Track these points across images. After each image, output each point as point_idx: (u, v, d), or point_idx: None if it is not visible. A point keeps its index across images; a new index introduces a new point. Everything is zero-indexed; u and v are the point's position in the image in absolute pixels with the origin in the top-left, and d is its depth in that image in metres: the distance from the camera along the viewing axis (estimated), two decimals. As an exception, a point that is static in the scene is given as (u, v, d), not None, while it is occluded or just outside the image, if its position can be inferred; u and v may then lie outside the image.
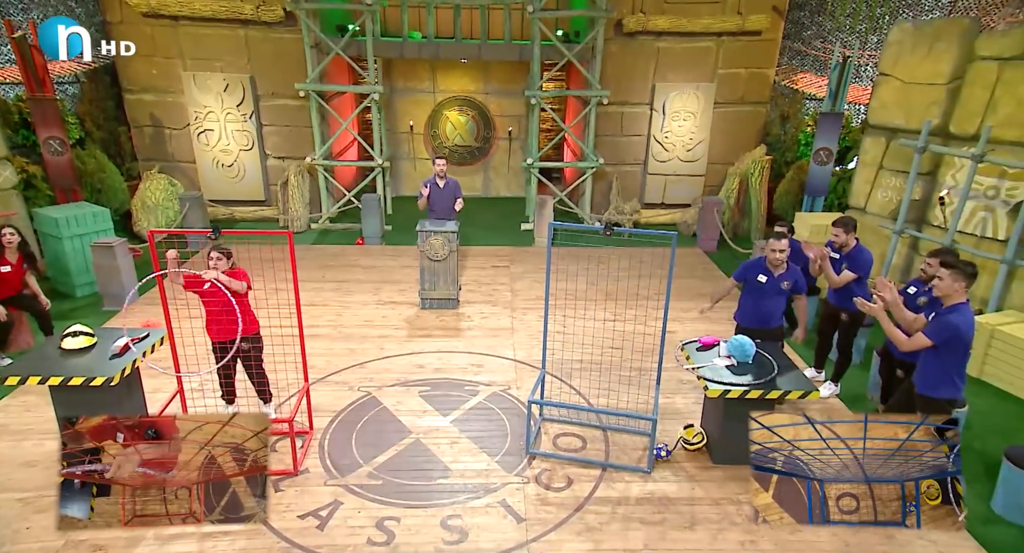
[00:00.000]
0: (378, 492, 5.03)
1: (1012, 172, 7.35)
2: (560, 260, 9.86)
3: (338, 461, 5.39)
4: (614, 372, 6.57)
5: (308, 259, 9.99)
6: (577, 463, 5.39)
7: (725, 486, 5.16)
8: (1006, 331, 6.62)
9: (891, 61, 8.57)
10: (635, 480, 5.20)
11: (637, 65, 11.02)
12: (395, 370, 6.83)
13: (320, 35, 10.41)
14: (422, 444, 5.62)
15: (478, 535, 4.63)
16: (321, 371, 6.77)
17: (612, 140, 11.44)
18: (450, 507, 4.89)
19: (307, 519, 4.77)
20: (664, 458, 5.39)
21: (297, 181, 11.20)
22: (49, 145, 9.02)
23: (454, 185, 8.51)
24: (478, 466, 5.35)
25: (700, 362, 5.35)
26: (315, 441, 5.65)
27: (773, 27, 10.92)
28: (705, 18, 10.66)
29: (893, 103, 8.53)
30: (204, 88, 10.98)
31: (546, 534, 4.65)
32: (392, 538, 4.59)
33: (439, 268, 7.97)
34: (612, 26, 10.78)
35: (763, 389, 4.99)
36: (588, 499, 4.99)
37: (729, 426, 5.26)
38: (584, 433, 5.81)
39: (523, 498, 4.99)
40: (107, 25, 10.88)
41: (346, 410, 6.11)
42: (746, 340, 5.35)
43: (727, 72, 11.08)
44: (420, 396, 6.35)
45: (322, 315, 8.07)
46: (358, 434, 5.74)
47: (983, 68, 7.60)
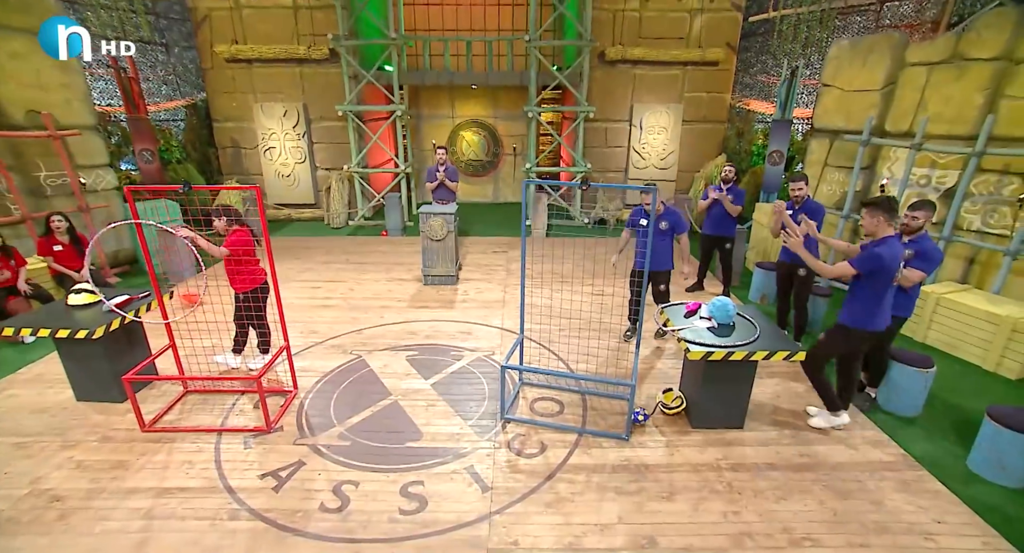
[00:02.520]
0: (344, 453, 3.50)
1: (941, 162, 5.84)
2: (554, 247, 8.40)
3: (313, 420, 3.88)
4: (600, 340, 4.97)
5: (338, 247, 8.54)
6: (552, 429, 3.79)
7: (705, 451, 3.52)
8: (949, 298, 4.95)
9: (832, 73, 6.99)
10: (612, 446, 3.59)
11: (618, 88, 9.43)
12: (388, 336, 5.29)
13: (358, 68, 9.04)
14: (399, 406, 4.07)
15: (438, 504, 3.06)
16: (323, 336, 5.26)
17: (598, 150, 9.85)
18: (415, 472, 3.33)
19: (266, 479, 3.27)
20: (641, 422, 3.77)
21: (338, 187, 9.82)
22: (142, 155, 7.88)
23: (452, 172, 7.03)
24: (450, 430, 3.78)
25: (682, 326, 3.71)
26: (298, 400, 4.14)
27: (727, 60, 9.28)
28: (673, 50, 9.05)
29: (835, 109, 6.90)
30: (269, 114, 9.71)
31: (512, 505, 3.06)
32: (346, 504, 3.06)
33: (438, 247, 6.44)
34: (596, 56, 9.24)
35: (747, 350, 3.34)
36: (561, 466, 3.39)
37: (708, 389, 3.62)
38: (562, 398, 4.20)
39: (492, 464, 3.41)
40: (203, 71, 9.85)
41: (334, 371, 4.59)
42: (728, 301, 3.71)
43: (692, 95, 9.43)
44: (407, 360, 4.80)
45: (336, 289, 6.58)
46: (339, 395, 4.22)
47: (913, 73, 6.04)
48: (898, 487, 3.21)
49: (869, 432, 3.77)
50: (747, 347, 3.37)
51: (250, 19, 9.23)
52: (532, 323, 5.30)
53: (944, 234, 5.54)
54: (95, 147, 7.11)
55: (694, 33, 9.08)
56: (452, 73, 9.62)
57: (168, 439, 3.64)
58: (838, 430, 3.74)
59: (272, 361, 3.91)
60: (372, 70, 8.97)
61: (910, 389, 3.90)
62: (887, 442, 3.65)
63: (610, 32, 9.13)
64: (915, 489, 3.20)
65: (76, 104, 6.81)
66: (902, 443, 3.63)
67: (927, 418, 3.95)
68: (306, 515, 2.97)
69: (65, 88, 6.67)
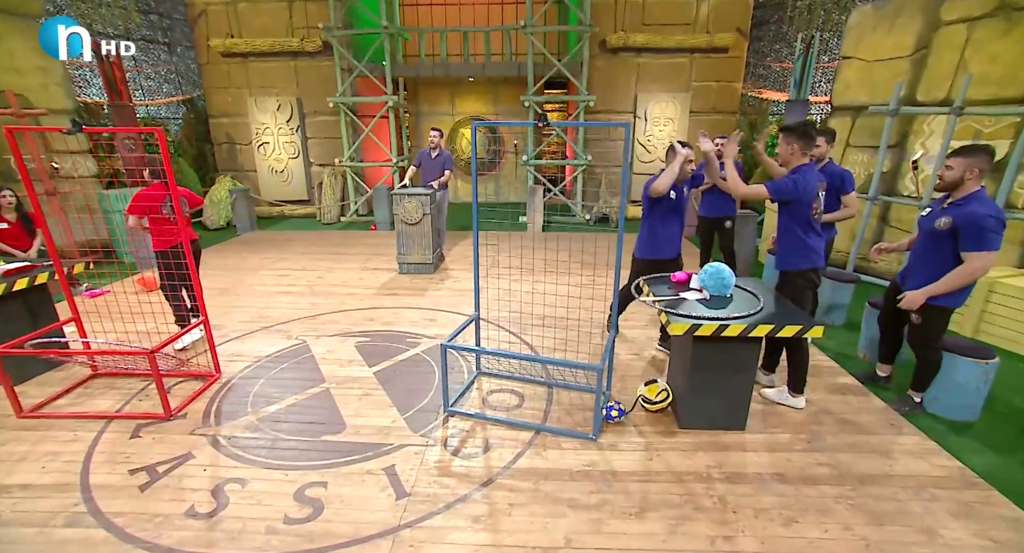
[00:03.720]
0: (244, 446, 2.80)
1: (988, 131, 4.89)
2: (549, 241, 7.67)
3: (225, 408, 3.20)
4: (581, 330, 4.20)
5: (323, 239, 7.97)
6: (505, 425, 3.02)
7: (693, 457, 2.69)
8: (1006, 283, 4.01)
9: (853, 44, 6.17)
10: (574, 448, 2.79)
11: (620, 78, 8.79)
12: (344, 322, 4.61)
13: (351, 60, 8.64)
14: (329, 395, 3.36)
15: (336, 512, 2.32)
16: (272, 321, 4.62)
17: (600, 143, 9.16)
18: (321, 471, 2.60)
19: (137, 475, 2.58)
20: (616, 420, 2.96)
21: (330, 182, 9.36)
22: (125, 143, 7.50)
23: (446, 157, 6.24)
24: (380, 422, 3.04)
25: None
26: (219, 385, 3.47)
27: (738, 46, 8.52)
28: (678, 35, 8.36)
29: (857, 82, 6.06)
30: (262, 109, 9.39)
31: (429, 517, 2.29)
32: (220, 508, 2.34)
33: (414, 232, 5.79)
34: (598, 44, 8.63)
35: (745, 323, 2.53)
36: (503, 471, 2.61)
37: (699, 379, 2.80)
38: (525, 390, 3.43)
39: (418, 465, 2.65)
40: (200, 66, 9.63)
41: (270, 356, 3.92)
42: (722, 267, 2.92)
43: (700, 84, 8.70)
44: (355, 346, 4.11)
45: (305, 277, 5.96)
46: (267, 381, 3.54)
47: (950, 32, 5.16)
48: (957, 510, 2.32)
49: (909, 438, 2.87)
50: (746, 320, 2.55)
51: (245, 13, 8.98)
52: (505, 311, 4.57)
53: (993, 212, 4.62)
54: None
55: (701, 18, 8.40)
56: (448, 65, 9.12)
57: (45, 427, 3.01)
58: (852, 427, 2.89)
59: (176, 337, 3.25)
60: (364, 61, 8.55)
61: (966, 386, 2.99)
62: (936, 451, 2.75)
63: (611, 18, 8.53)
64: (982, 514, 2.30)
65: (53, 88, 6.50)
66: (957, 454, 2.73)
67: (988, 424, 3.04)
68: (165, 521, 2.27)
69: (42, 72, 6.38)
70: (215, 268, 6.40)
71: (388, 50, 8.51)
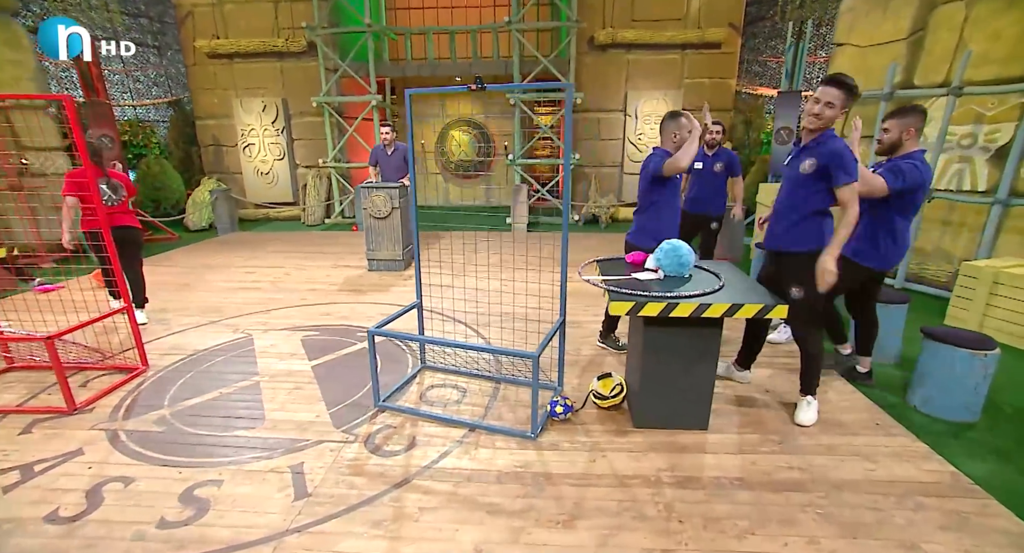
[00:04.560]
0: (143, 442, 2.52)
1: (991, 114, 4.56)
2: (532, 240, 7.37)
3: (140, 402, 2.92)
4: (542, 324, 3.89)
5: (302, 240, 7.75)
6: (438, 421, 2.70)
7: (643, 459, 2.34)
8: (1010, 273, 3.64)
9: (845, 30, 5.89)
10: (509, 447, 2.46)
11: (610, 75, 8.54)
12: (298, 317, 4.34)
13: (336, 59, 8.53)
14: (258, 388, 3.08)
15: (222, 514, 2.02)
16: (222, 315, 4.37)
17: (591, 143, 8.89)
18: (220, 468, 2.30)
19: (8, 474, 2.30)
20: (561, 417, 2.62)
21: (314, 183, 9.20)
22: (101, 141, 7.39)
23: (403, 152, 5.89)
24: (303, 417, 2.75)
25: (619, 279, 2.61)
26: (143, 379, 3.20)
27: (731, 41, 8.25)
28: (668, 31, 8.12)
29: (851, 70, 5.65)
30: (248, 109, 9.29)
31: (325, 521, 1.98)
32: (91, 510, 2.06)
33: (382, 227, 5.54)
34: (586, 41, 8.42)
35: (697, 302, 2.20)
36: (423, 471, 2.29)
37: (653, 370, 2.47)
38: (470, 384, 3.11)
39: (330, 463, 2.34)
40: (187, 68, 9.59)
41: (209, 349, 3.65)
42: (680, 244, 2.59)
43: (692, 81, 8.42)
44: (301, 340, 3.83)
45: (271, 274, 5.72)
46: (196, 374, 3.27)
47: (948, 11, 4.88)
48: (946, 522, 1.96)
49: (896, 439, 2.51)
50: (698, 299, 2.23)
51: (232, 14, 8.93)
52: (473, 309, 4.28)
53: (999, 197, 4.27)
54: (45, 128, 6.67)
55: (692, 13, 8.16)
56: (435, 65, 8.97)
57: (-65, 420, 2.75)
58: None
59: (77, 327, 2.99)
60: (347, 60, 8.43)
61: (963, 382, 2.62)
62: (926, 454, 2.38)
63: (600, 14, 8.33)
64: (976, 527, 1.94)
65: (25, 83, 6.42)
66: (951, 458, 2.36)
67: (989, 425, 2.66)
68: (16, 528, 1.98)
69: (14, 65, 6.30)
70: (182, 265, 6.20)
71: (372, 49, 8.39)
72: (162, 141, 9.91)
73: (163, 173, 8.99)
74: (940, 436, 2.55)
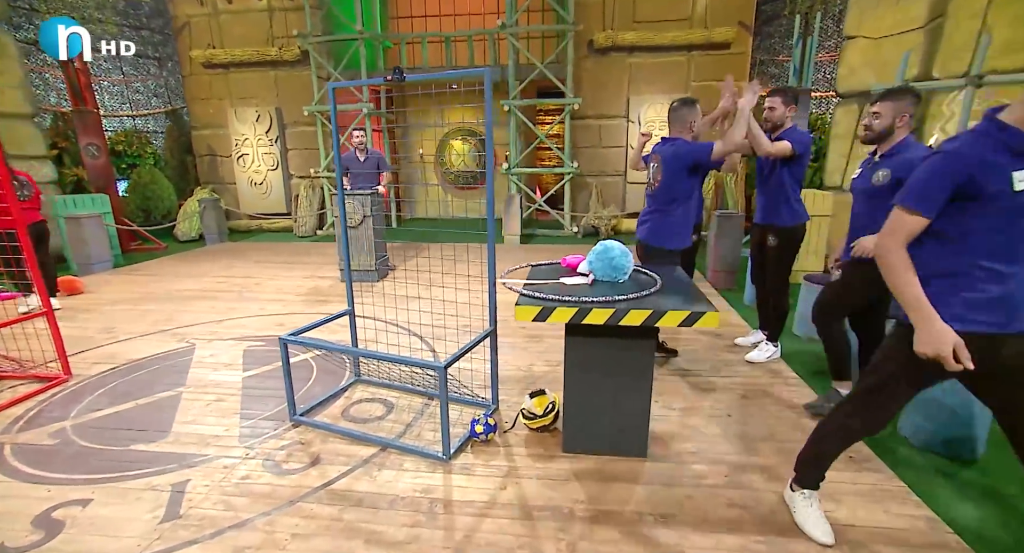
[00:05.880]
0: (25, 456, 2.47)
1: None
2: (540, 253, 7.23)
3: (46, 413, 2.88)
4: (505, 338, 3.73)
5: (287, 250, 7.83)
6: (351, 438, 2.56)
7: (561, 488, 2.14)
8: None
9: (856, 21, 5.66)
10: (417, 469, 2.30)
11: (611, 80, 8.45)
12: (250, 327, 4.29)
13: (329, 68, 8.73)
14: (177, 400, 3.00)
15: (73, 537, 1.92)
16: (174, 323, 4.36)
17: (592, 151, 8.77)
18: (94, 486, 2.21)
19: None
20: (481, 437, 2.45)
21: (306, 194, 9.33)
22: (88, 150, 7.68)
23: (376, 158, 5.85)
24: (210, 431, 2.65)
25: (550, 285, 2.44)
26: (60, 388, 3.17)
27: (741, 41, 8.05)
28: (672, 31, 8.00)
29: (863, 64, 5.50)
30: (242, 119, 9.55)
31: (182, 547, 1.86)
32: (-60, 529, 1.96)
33: (354, 236, 5.50)
34: (585, 45, 8.38)
35: (612, 308, 2.02)
36: (312, 492, 2.14)
37: (579, 387, 2.29)
38: (400, 399, 2.97)
39: (217, 481, 2.23)
40: (183, 78, 9.97)
41: (145, 359, 3.62)
42: (615, 245, 2.41)
43: (700, 84, 8.25)
44: (244, 350, 3.76)
45: (240, 284, 5.74)
46: (118, 384, 3.22)
47: None
48: (902, 575, 1.69)
49: (870, 475, 2.23)
50: (612, 305, 2.04)
51: (227, 24, 9.26)
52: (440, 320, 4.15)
53: None
54: (30, 137, 6.95)
55: (699, 12, 8.03)
56: (429, 72, 9.06)
57: None
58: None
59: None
60: (339, 68, 8.60)
61: (962, 409, 2.33)
62: (902, 495, 2.10)
63: (599, 16, 8.29)
64: (937, 582, 1.66)
65: (9, 92, 6.72)
66: (934, 500, 2.08)
67: (991, 464, 2.35)
68: None
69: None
70: (155, 274, 6.29)
71: (364, 56, 8.54)
72: (158, 151, 10.27)
73: (154, 183, 9.30)
74: (927, 473, 2.27)
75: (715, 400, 2.88)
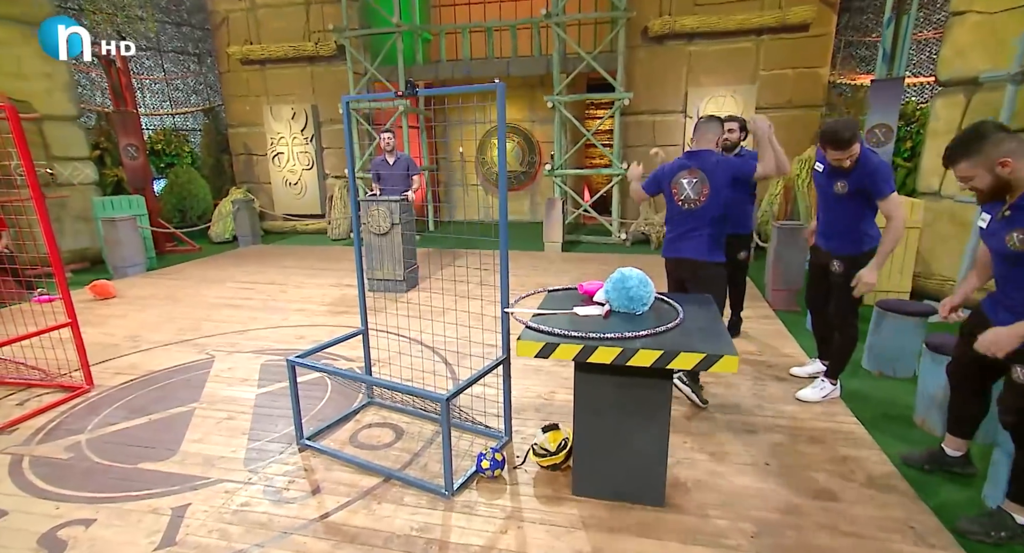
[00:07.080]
0: (41, 470, 2.75)
1: None
2: (583, 263, 7.22)
3: (66, 426, 3.18)
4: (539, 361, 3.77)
5: (316, 254, 8.22)
6: (355, 466, 2.67)
7: (565, 537, 2.16)
8: None
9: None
10: (417, 504, 2.38)
11: (668, 71, 8.30)
12: (271, 338, 4.54)
13: (365, 62, 9.07)
14: (190, 416, 3.23)
15: (78, 557, 2.10)
16: (197, 333, 4.68)
17: (645, 151, 8.64)
18: (98, 506, 2.43)
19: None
20: (487, 474, 2.50)
21: (341, 195, 9.72)
22: (127, 151, 8.36)
23: (406, 160, 6.09)
24: (216, 451, 2.84)
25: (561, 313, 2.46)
26: (81, 399, 3.48)
27: (823, 20, 7.70)
28: (739, 14, 7.76)
29: (972, 45, 5.01)
30: (277, 117, 10.08)
31: (174, 577, 2.00)
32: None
33: (383, 244, 5.69)
34: (639, 33, 8.27)
35: (620, 346, 2.01)
36: (308, 525, 2.26)
37: (589, 428, 2.30)
38: (411, 426, 3.07)
39: (217, 507, 2.39)
40: (220, 74, 10.68)
41: (163, 370, 3.91)
42: (635, 273, 2.39)
43: (771, 73, 7.95)
44: (262, 365, 3.99)
45: (266, 291, 6.07)
46: (136, 397, 3.51)
47: None
48: None
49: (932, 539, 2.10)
50: (621, 343, 2.02)
51: (265, 18, 9.79)
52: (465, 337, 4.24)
53: None
54: (74, 139, 7.62)
55: (771, -10, 7.76)
56: (469, 64, 9.22)
57: None
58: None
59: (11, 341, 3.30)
60: (376, 63, 8.90)
61: None
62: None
63: (656, 1, 8.16)
64: None
65: (57, 94, 7.39)
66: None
67: None
68: None
69: (47, 78, 7.28)
70: (185, 277, 6.74)
71: (400, 50, 8.81)
72: (195, 150, 10.99)
73: (190, 182, 9.99)
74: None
75: (752, 444, 2.79)
